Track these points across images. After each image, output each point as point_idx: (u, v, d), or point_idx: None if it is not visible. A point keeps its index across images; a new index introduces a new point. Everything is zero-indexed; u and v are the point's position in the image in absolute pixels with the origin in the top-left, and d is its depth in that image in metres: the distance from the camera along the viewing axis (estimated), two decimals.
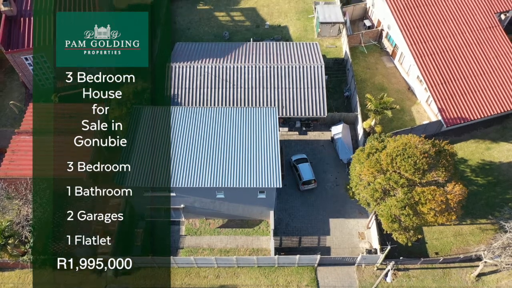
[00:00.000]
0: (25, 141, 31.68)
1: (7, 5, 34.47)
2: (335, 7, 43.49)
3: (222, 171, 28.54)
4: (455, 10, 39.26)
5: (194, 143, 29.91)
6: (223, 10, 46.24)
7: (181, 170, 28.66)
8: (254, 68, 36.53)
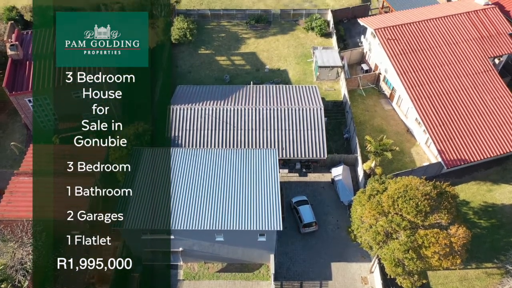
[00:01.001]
0: (23, 182, 31.48)
1: (14, 50, 35.41)
2: (333, 52, 44.68)
3: (222, 213, 28.19)
4: (450, 55, 40.33)
5: (194, 185, 29.75)
6: (224, 54, 47.47)
7: (181, 212, 28.30)
8: (254, 110, 36.99)
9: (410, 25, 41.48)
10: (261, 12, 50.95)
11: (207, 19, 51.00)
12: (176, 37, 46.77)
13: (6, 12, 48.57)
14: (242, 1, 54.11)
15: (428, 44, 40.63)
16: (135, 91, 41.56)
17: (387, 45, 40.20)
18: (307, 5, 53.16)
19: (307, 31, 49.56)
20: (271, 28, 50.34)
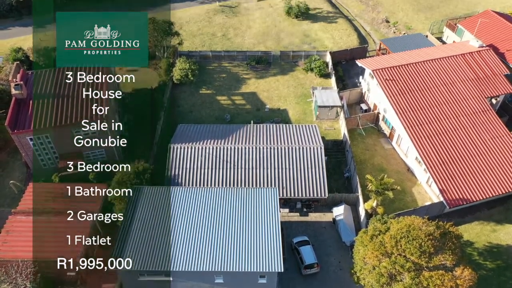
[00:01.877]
0: (21, 222, 31.05)
1: (18, 89, 35.98)
2: (332, 92, 45.38)
3: (222, 254, 27.60)
4: (448, 95, 40.94)
5: (193, 224, 29.31)
6: (225, 94, 48.20)
7: (180, 252, 27.72)
8: (255, 149, 37.08)
9: (407, 66, 42.39)
10: (261, 53, 52.22)
11: (209, 60, 52.19)
12: (178, 78, 47.66)
13: (12, 53, 49.81)
14: (243, 43, 55.58)
15: (425, 85, 41.35)
16: (136, 130, 41.99)
17: (385, 85, 40.90)
18: (306, 47, 54.55)
19: (306, 72, 50.59)
20: (271, 69, 51.41)
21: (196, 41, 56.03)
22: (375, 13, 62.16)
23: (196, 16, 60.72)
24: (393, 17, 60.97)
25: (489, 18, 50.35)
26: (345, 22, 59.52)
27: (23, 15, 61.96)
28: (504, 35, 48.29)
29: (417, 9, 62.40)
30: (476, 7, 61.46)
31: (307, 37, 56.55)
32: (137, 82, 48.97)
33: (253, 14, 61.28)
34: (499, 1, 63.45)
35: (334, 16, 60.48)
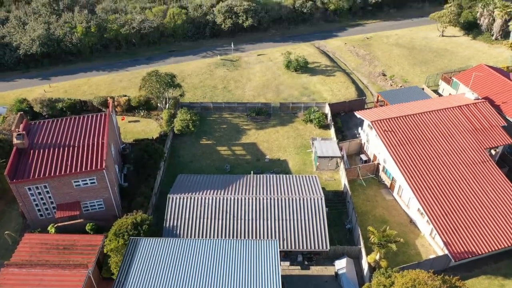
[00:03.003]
0: (13, 274, 30.01)
1: (20, 139, 36.21)
2: (331, 143, 45.68)
3: None
4: (447, 145, 41.17)
5: (191, 278, 28.32)
6: (225, 144, 48.50)
7: None
8: (255, 200, 36.69)
9: (406, 117, 42.99)
10: (262, 105, 53.18)
11: (210, 111, 53.03)
12: (179, 128, 48.17)
13: (17, 104, 50.73)
14: (243, 95, 56.77)
15: (424, 135, 41.70)
16: (136, 180, 41.81)
17: (384, 136, 41.26)
18: (305, 99, 55.64)
19: (305, 123, 51.23)
20: (271, 120, 52.12)
21: (197, 93, 57.26)
22: (372, 67, 64.02)
23: (198, 69, 62.52)
24: (390, 70, 62.75)
25: (482, 72, 51.78)
26: (343, 75, 61.17)
27: (30, 68, 63.83)
28: (498, 88, 49.42)
29: (412, 63, 64.37)
30: (470, 61, 63.46)
31: (306, 89, 57.87)
32: (138, 132, 49.74)
33: (254, 67, 63.13)
34: (491, 55, 65.67)
35: (332, 70, 62.27)
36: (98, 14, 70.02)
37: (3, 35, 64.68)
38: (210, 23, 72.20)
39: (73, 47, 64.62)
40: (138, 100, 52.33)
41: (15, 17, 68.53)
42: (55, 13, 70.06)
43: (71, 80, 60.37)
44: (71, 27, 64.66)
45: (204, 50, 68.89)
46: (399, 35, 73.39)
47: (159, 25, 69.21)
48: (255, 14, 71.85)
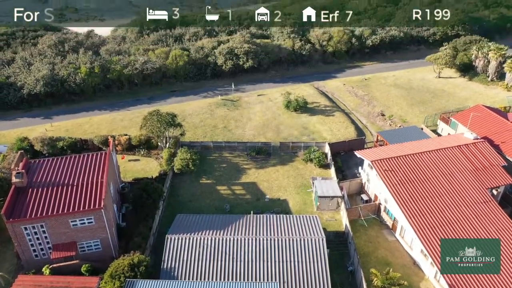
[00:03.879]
0: None
1: (19, 177, 36.03)
2: (332, 182, 45.44)
3: None
4: (448, 185, 40.90)
5: None
6: (225, 184, 48.22)
7: None
8: (254, 240, 36.01)
9: (406, 157, 43.00)
10: (262, 144, 53.38)
11: (210, 151, 53.15)
12: (178, 167, 48.08)
13: (18, 142, 50.90)
14: (243, 135, 57.11)
15: (425, 175, 41.54)
16: (134, 220, 41.23)
17: (385, 176, 41.10)
18: (305, 138, 55.92)
19: (306, 162, 51.21)
20: (271, 159, 52.13)
21: (198, 132, 57.62)
22: (371, 107, 64.82)
23: (199, 109, 63.27)
24: (388, 110, 63.48)
25: (480, 112, 52.36)
26: (342, 115, 61.82)
27: (33, 107, 64.57)
28: (496, 128, 49.78)
29: (410, 103, 65.24)
30: (467, 102, 64.34)
31: (306, 129, 58.30)
32: (138, 171, 49.59)
33: (254, 107, 63.92)
34: (488, 96, 66.68)
35: (331, 110, 63.02)
36: (102, 55, 71.75)
37: (8, 75, 65.95)
38: (212, 64, 73.83)
39: (76, 87, 65.72)
40: (139, 139, 52.57)
41: (21, 58, 70.17)
42: (60, 55, 71.80)
43: (73, 119, 60.95)
44: (75, 67, 66.05)
45: (205, 90, 70.03)
46: (397, 76, 74.86)
47: (162, 66, 70.74)
48: (255, 56, 73.63)
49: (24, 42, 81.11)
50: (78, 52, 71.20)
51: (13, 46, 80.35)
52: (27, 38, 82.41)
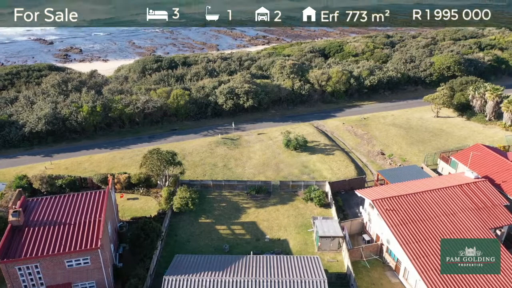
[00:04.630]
0: None
1: (16, 216, 35.56)
2: (333, 222, 44.81)
3: None
4: (451, 225, 40.29)
5: None
6: (224, 223, 47.53)
7: None
8: (254, 282, 35.02)
9: (407, 196, 42.65)
10: (261, 183, 53.09)
11: (209, 189, 52.78)
12: (177, 206, 47.57)
13: (16, 180, 50.67)
14: (243, 173, 56.92)
15: (427, 215, 41.01)
16: (131, 260, 40.31)
17: (387, 215, 40.59)
18: (305, 177, 55.69)
19: (306, 201, 50.73)
20: (271, 198, 51.68)
21: (197, 171, 57.47)
22: (371, 146, 65.04)
23: (199, 148, 63.44)
24: (388, 149, 63.65)
25: (480, 151, 52.48)
26: (342, 154, 61.90)
27: (34, 145, 64.81)
28: (497, 167, 49.72)
29: (409, 142, 65.52)
30: (466, 141, 64.64)
31: (306, 168, 58.20)
32: (136, 210, 49.04)
33: (254, 146, 64.13)
34: (486, 135, 67.08)
35: (331, 149, 63.19)
36: (104, 94, 72.83)
37: (11, 113, 66.68)
38: (212, 104, 74.81)
39: (77, 125, 66.25)
40: (138, 178, 52.36)
41: (24, 97, 71.23)
42: (63, 94, 72.90)
43: (73, 157, 60.98)
44: (77, 106, 66.86)
45: (205, 129, 70.55)
46: (395, 116, 75.65)
47: (163, 105, 71.63)
48: (255, 96, 74.75)
49: (28, 81, 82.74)
50: (81, 91, 72.32)
51: (17, 85, 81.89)
52: (32, 77, 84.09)
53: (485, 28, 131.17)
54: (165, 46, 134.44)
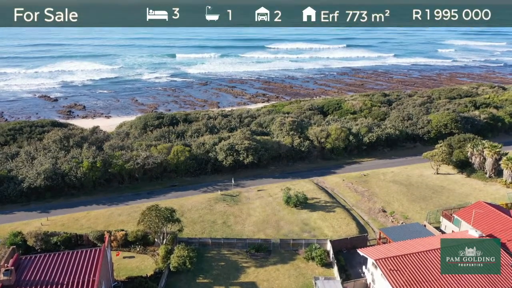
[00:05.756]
0: None
1: (7, 275, 34.40)
2: (335, 283, 43.25)
3: None
4: (458, 286, 38.80)
5: None
6: (223, 284, 45.84)
7: None
8: None
9: (412, 255, 41.49)
10: (261, 241, 51.89)
11: (208, 247, 51.48)
12: (175, 265, 46.13)
13: (11, 237, 49.55)
14: (243, 231, 55.83)
15: (433, 275, 39.61)
16: None
17: (391, 276, 39.25)
18: (306, 235, 54.53)
19: (307, 260, 49.29)
20: (271, 257, 50.26)
21: (196, 228, 56.42)
22: (371, 203, 64.36)
23: (198, 204, 62.75)
24: (389, 207, 62.93)
25: (482, 209, 51.81)
26: (343, 212, 61.10)
27: (31, 201, 64.09)
28: (501, 225, 48.82)
29: (411, 199, 64.94)
30: (468, 198, 64.06)
31: (307, 225, 57.19)
32: (132, 269, 47.51)
33: (253, 202, 63.46)
34: (488, 192, 66.62)
35: (332, 206, 62.49)
36: (105, 150, 73.27)
37: (10, 168, 66.64)
38: (212, 160, 75.04)
39: (76, 181, 65.96)
40: (135, 235, 51.28)
41: (25, 152, 71.57)
42: (64, 149, 73.35)
43: (70, 213, 60.08)
44: (77, 162, 67.00)
45: (205, 185, 70.20)
46: (395, 173, 75.62)
47: (163, 161, 71.82)
48: (255, 152, 75.19)
49: (31, 137, 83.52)
50: (82, 147, 72.82)
51: (19, 140, 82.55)
52: (34, 133, 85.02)
53: (478, 87, 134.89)
54: (167, 103, 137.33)
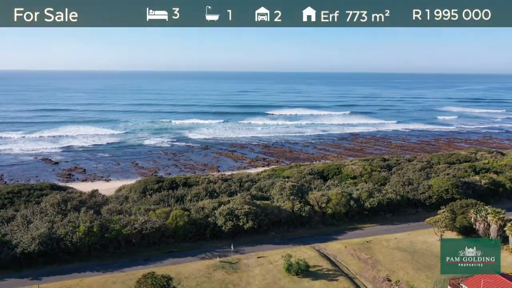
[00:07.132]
0: None
1: None
2: None
3: None
4: None
5: None
6: None
7: None
8: None
9: None
10: None
11: None
12: None
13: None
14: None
15: None
16: None
17: None
18: None
19: None
20: None
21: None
22: (375, 271, 62.20)
23: (196, 272, 60.62)
24: (394, 275, 60.72)
25: (491, 278, 49.87)
26: (346, 280, 58.87)
27: (23, 267, 61.86)
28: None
29: (416, 267, 62.82)
30: None
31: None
32: None
33: (253, 270, 61.37)
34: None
35: (334, 274, 60.36)
36: (103, 214, 72.18)
37: (5, 233, 65.15)
38: (211, 225, 73.66)
39: (72, 246, 64.24)
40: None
41: (22, 216, 70.39)
42: (61, 213, 72.27)
43: (63, 281, 57.78)
44: (74, 226, 65.71)
45: (203, 251, 68.26)
46: (399, 239, 73.87)
47: (161, 225, 70.48)
48: (255, 217, 74.03)
49: (28, 200, 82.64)
50: (79, 211, 71.80)
51: (16, 204, 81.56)
52: (32, 196, 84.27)
53: (477, 152, 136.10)
54: (167, 167, 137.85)
